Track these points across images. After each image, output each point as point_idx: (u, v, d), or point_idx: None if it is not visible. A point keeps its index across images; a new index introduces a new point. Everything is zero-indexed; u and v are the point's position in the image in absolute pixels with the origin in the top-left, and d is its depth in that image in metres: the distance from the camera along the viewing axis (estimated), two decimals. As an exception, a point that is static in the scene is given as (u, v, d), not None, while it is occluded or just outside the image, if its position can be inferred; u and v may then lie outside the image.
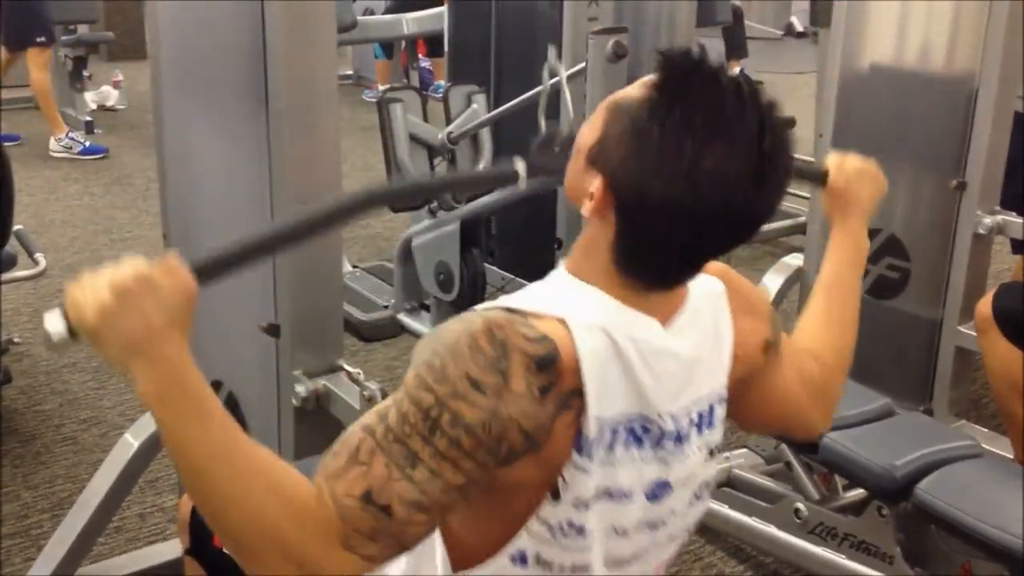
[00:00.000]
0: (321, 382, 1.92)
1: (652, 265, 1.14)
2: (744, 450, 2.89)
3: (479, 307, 1.14)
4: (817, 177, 1.55)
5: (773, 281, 3.41)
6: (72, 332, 1.02)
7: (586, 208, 1.13)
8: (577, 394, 1.10)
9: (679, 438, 1.18)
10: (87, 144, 5.82)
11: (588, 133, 1.15)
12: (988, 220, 2.93)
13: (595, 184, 1.11)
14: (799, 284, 3.36)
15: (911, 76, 3.07)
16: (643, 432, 1.15)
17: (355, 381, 1.87)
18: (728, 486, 2.73)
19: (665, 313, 1.17)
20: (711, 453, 1.25)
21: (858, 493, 2.41)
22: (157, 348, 1.00)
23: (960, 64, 2.95)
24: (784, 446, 2.49)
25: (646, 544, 1.24)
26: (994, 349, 2.71)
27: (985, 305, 2.73)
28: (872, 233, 3.08)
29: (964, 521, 2.05)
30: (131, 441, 2.32)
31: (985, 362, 2.80)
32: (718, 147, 1.05)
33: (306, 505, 1.04)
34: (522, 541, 1.17)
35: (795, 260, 3.41)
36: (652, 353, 1.14)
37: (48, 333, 1.02)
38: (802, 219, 4.37)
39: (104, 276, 1.01)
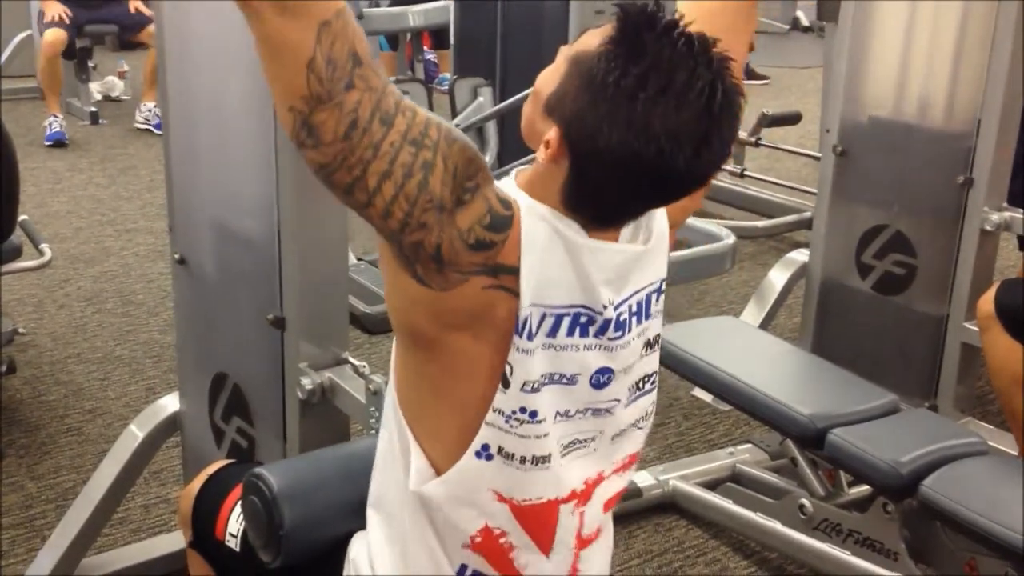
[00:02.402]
0: (326, 375, 1.92)
1: (598, 210, 1.21)
2: (748, 445, 2.89)
3: None
4: None
5: (778, 276, 3.41)
6: None
7: (540, 154, 1.19)
8: (512, 272, 1.17)
9: (619, 326, 1.25)
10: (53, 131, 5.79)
11: (548, 80, 1.21)
12: (995, 216, 2.92)
13: (551, 134, 1.17)
14: (804, 280, 3.36)
15: (918, 73, 3.06)
16: (587, 321, 1.22)
17: (360, 374, 1.86)
18: (733, 481, 2.73)
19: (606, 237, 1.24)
20: (649, 344, 1.32)
21: (863, 489, 2.40)
22: None
23: (968, 65, 2.94)
24: (789, 442, 2.49)
25: (590, 430, 1.30)
26: (996, 345, 2.70)
27: (987, 302, 2.72)
28: (879, 229, 3.13)
29: (969, 518, 2.04)
30: (136, 432, 2.32)
31: (987, 358, 2.79)
32: (669, 108, 1.12)
33: None
34: (483, 434, 1.23)
35: (800, 256, 3.41)
36: (597, 249, 1.22)
37: None
38: (807, 215, 4.36)
39: None
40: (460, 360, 1.21)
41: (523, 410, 1.22)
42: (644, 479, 2.70)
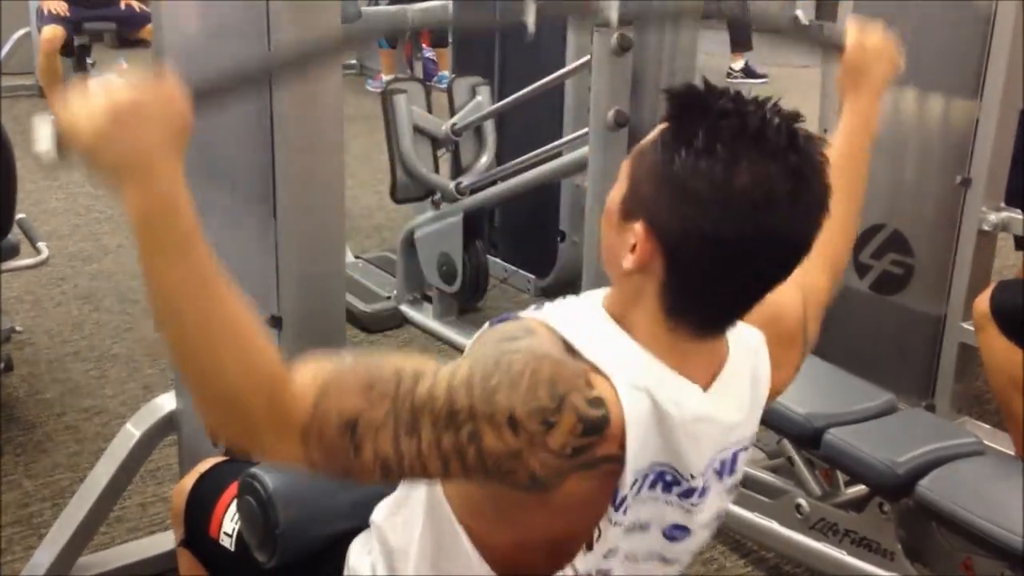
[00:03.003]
0: (323, 374, 1.92)
1: (704, 306, 1.10)
2: (746, 445, 2.89)
3: (537, 314, 1.13)
4: (834, 47, 1.50)
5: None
6: (62, 151, 0.99)
7: (628, 261, 1.08)
8: (614, 459, 1.08)
9: (704, 492, 1.18)
10: None
11: (615, 191, 1.12)
12: (993, 216, 2.92)
13: (636, 230, 1.07)
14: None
15: (917, 71, 3.06)
16: (672, 481, 1.14)
17: (357, 373, 1.86)
18: (729, 481, 2.72)
19: (706, 375, 1.15)
20: (728, 491, 1.25)
21: (860, 489, 2.40)
22: (149, 171, 0.96)
23: (967, 64, 2.94)
24: (786, 441, 2.49)
25: (655, 572, 1.24)
26: (992, 345, 2.70)
27: (983, 302, 2.72)
28: (876, 229, 3.12)
29: (966, 518, 2.05)
30: (132, 431, 2.32)
31: (983, 359, 2.79)
32: (748, 163, 1.02)
33: (280, 384, 1.02)
34: None
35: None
36: (694, 420, 1.11)
37: (39, 153, 0.99)
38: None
39: (98, 97, 0.96)
40: (535, 518, 1.15)
41: (599, 571, 1.17)
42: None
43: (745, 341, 1.20)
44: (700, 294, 1.09)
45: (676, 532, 1.19)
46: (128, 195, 0.96)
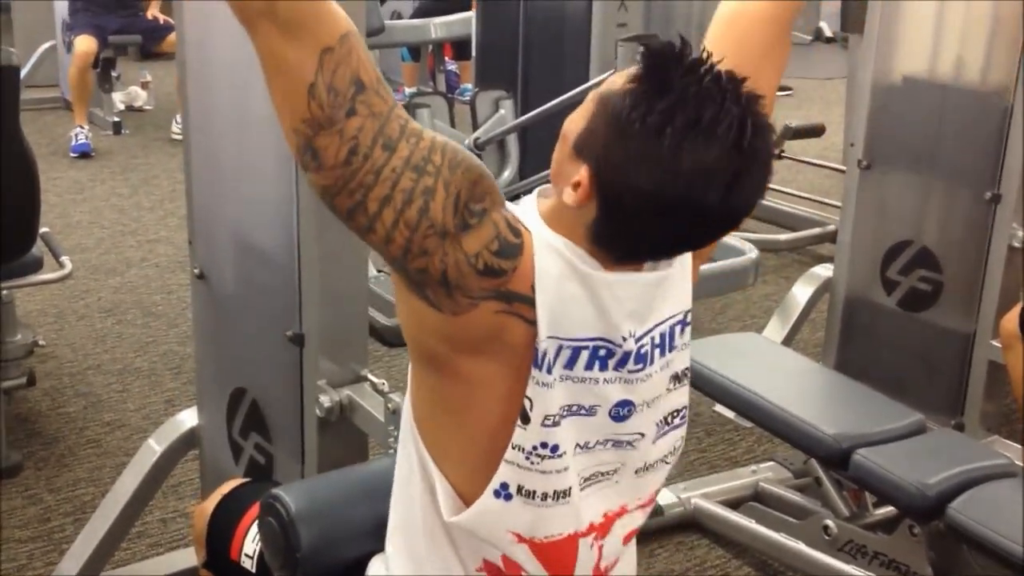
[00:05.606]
0: (345, 392, 1.90)
1: (628, 248, 1.18)
2: (771, 463, 2.86)
3: None
4: None
5: (802, 292, 3.38)
6: None
7: (569, 196, 1.15)
8: (525, 302, 1.15)
9: (641, 359, 1.22)
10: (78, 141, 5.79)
11: (576, 122, 1.18)
12: (1023, 233, 2.88)
13: (581, 173, 1.14)
14: (828, 295, 3.33)
15: (945, 85, 3.02)
16: (607, 354, 1.19)
17: (379, 392, 1.85)
18: (755, 500, 2.70)
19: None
20: (676, 378, 1.29)
21: (889, 511, 2.37)
22: None
23: (995, 73, 2.90)
24: (813, 461, 2.45)
25: (611, 462, 1.27)
26: (1020, 364, 2.66)
27: (1010, 321, 2.68)
28: (904, 245, 3.09)
29: (997, 541, 2.00)
30: (154, 446, 2.32)
31: (1011, 378, 2.75)
32: (697, 144, 1.09)
33: None
34: (501, 472, 1.21)
35: (825, 271, 3.37)
36: (616, 281, 1.18)
37: None
38: (832, 228, 4.32)
39: None
40: (477, 385, 1.19)
41: (544, 445, 1.20)
42: (666, 497, 2.67)
43: None
44: (627, 238, 1.17)
45: (621, 410, 1.23)
46: None
